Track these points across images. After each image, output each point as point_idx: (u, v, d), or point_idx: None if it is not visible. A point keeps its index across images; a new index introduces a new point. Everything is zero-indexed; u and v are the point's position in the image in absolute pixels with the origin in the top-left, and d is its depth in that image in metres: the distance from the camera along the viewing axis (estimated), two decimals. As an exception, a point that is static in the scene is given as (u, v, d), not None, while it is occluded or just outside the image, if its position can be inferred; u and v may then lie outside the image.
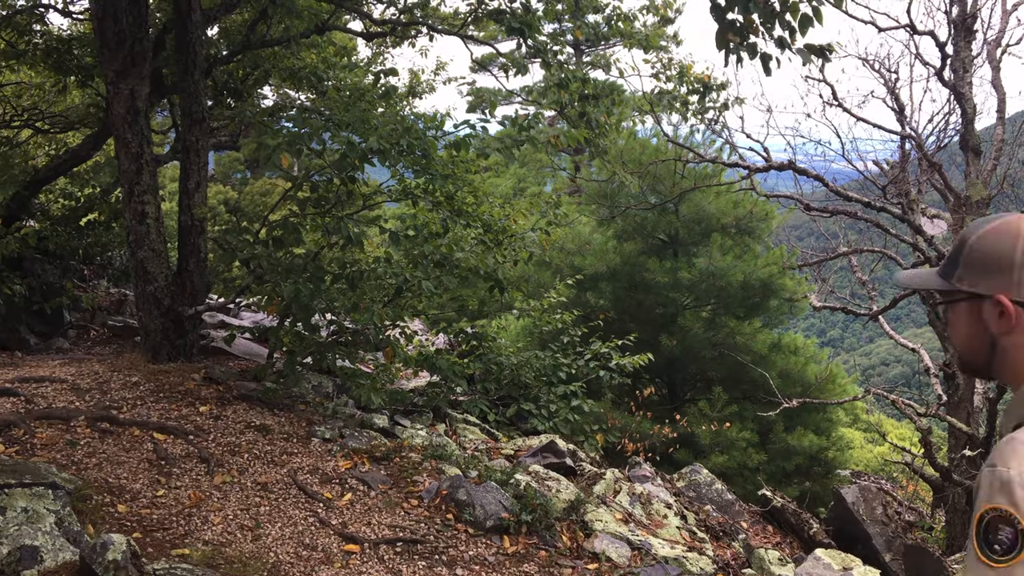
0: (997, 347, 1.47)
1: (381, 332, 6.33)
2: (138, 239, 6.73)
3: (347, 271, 6.07)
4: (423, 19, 10.07)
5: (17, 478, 3.63)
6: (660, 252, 12.30)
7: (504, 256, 7.97)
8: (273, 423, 5.47)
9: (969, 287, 1.48)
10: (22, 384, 5.51)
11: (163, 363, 6.58)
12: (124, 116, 6.57)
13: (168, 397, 5.57)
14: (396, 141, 6.09)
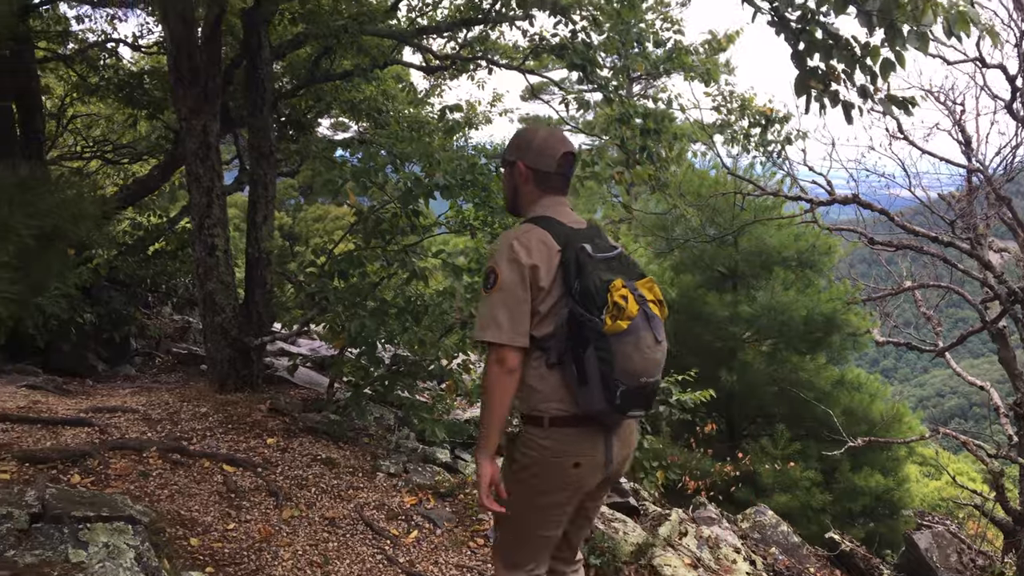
0: None
1: (445, 366, 6.35)
2: (207, 271, 6.86)
3: (411, 306, 6.10)
4: (483, 53, 10.20)
5: (96, 510, 3.69)
6: (719, 285, 12.17)
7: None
8: (339, 456, 5.50)
9: None
10: (96, 414, 5.63)
11: (230, 393, 6.68)
12: (196, 151, 6.74)
13: (236, 428, 5.65)
14: (461, 177, 6.14)
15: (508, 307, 2.45)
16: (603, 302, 2.40)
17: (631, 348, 2.41)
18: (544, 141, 2.69)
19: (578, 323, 2.43)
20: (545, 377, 2.51)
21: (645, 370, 2.46)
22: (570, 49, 7.54)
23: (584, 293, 2.42)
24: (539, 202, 2.69)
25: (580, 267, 2.45)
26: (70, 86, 11.19)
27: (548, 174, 2.70)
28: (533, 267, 2.45)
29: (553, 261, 2.48)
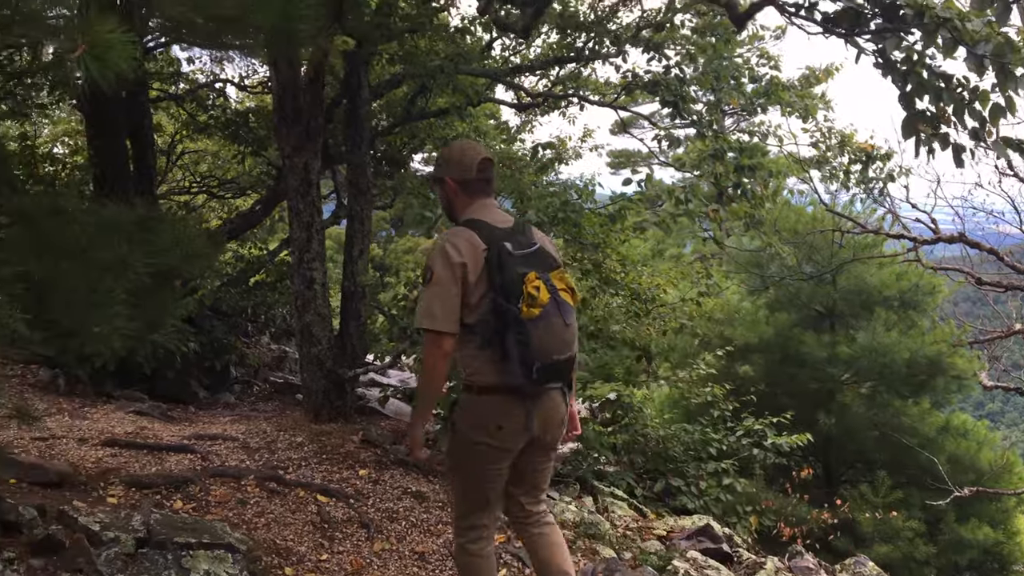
0: None
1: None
2: (305, 303, 7.06)
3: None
4: (575, 90, 10.27)
5: (197, 537, 3.81)
6: (816, 324, 11.82)
7: (653, 325, 7.88)
8: (428, 491, 5.53)
9: None
10: (198, 441, 5.83)
11: (324, 423, 6.82)
12: (298, 188, 6.97)
13: (330, 459, 5.75)
14: (553, 214, 6.17)
15: (441, 299, 2.89)
16: (519, 293, 2.84)
17: (543, 331, 2.86)
18: (462, 153, 3.19)
19: (500, 311, 2.87)
20: (476, 356, 2.95)
21: (557, 349, 2.93)
22: (663, 85, 7.52)
23: (504, 286, 2.86)
24: (470, 207, 3.12)
25: (501, 264, 2.88)
26: (180, 124, 11.77)
27: (470, 181, 3.12)
28: (463, 264, 2.89)
29: (479, 259, 2.90)
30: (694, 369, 8.58)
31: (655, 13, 7.95)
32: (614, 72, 8.41)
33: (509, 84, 9.80)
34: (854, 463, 12.45)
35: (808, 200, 11.82)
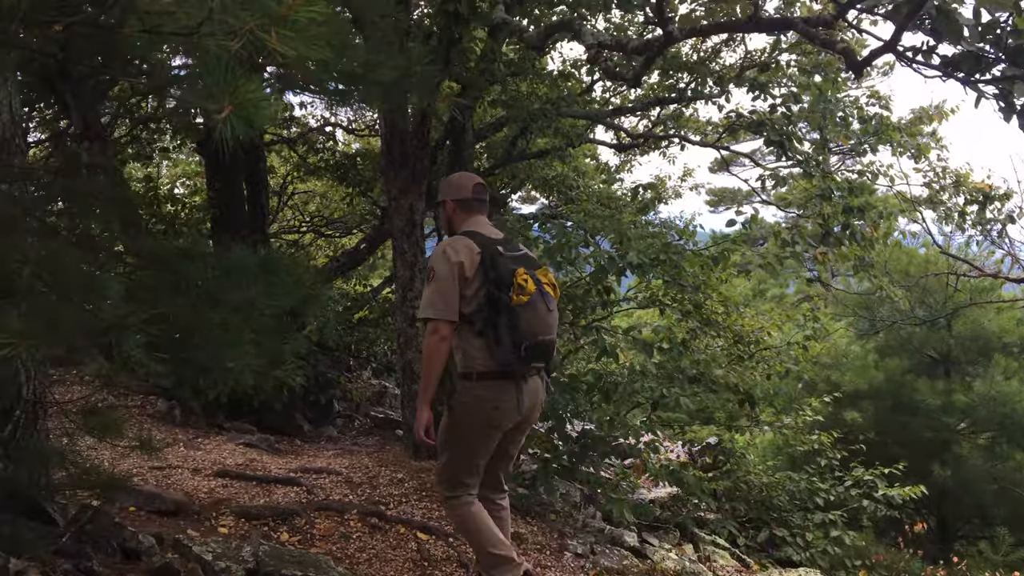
0: None
1: (633, 445, 6.29)
2: (407, 341, 7.20)
3: (601, 382, 6.10)
4: (676, 130, 10.25)
5: (303, 570, 3.90)
6: (930, 371, 11.30)
7: (756, 369, 7.70)
8: (526, 531, 5.52)
9: None
10: (303, 474, 5.99)
11: (424, 460, 6.90)
12: (403, 228, 7.16)
13: (430, 496, 5.81)
14: (654, 256, 6.14)
15: (442, 293, 3.40)
16: (510, 283, 3.39)
17: (530, 315, 3.39)
18: (460, 179, 3.88)
19: (494, 299, 3.40)
20: (473, 343, 3.43)
21: (542, 331, 3.43)
22: (768, 124, 7.42)
23: (496, 279, 3.40)
24: (467, 222, 3.68)
25: (493, 261, 3.43)
26: (292, 166, 12.28)
27: (467, 200, 3.72)
28: (460, 263, 3.42)
29: (474, 259, 3.44)
30: (800, 415, 8.32)
31: (759, 53, 7.88)
32: (716, 111, 8.35)
33: (609, 125, 9.85)
34: (971, 518, 11.77)
35: (921, 242, 11.40)
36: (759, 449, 11.15)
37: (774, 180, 7.81)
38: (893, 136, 7.54)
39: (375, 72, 2.14)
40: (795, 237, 6.21)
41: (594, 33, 3.83)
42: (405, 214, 7.15)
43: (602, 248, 6.56)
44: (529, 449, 7.06)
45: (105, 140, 6.88)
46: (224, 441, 6.84)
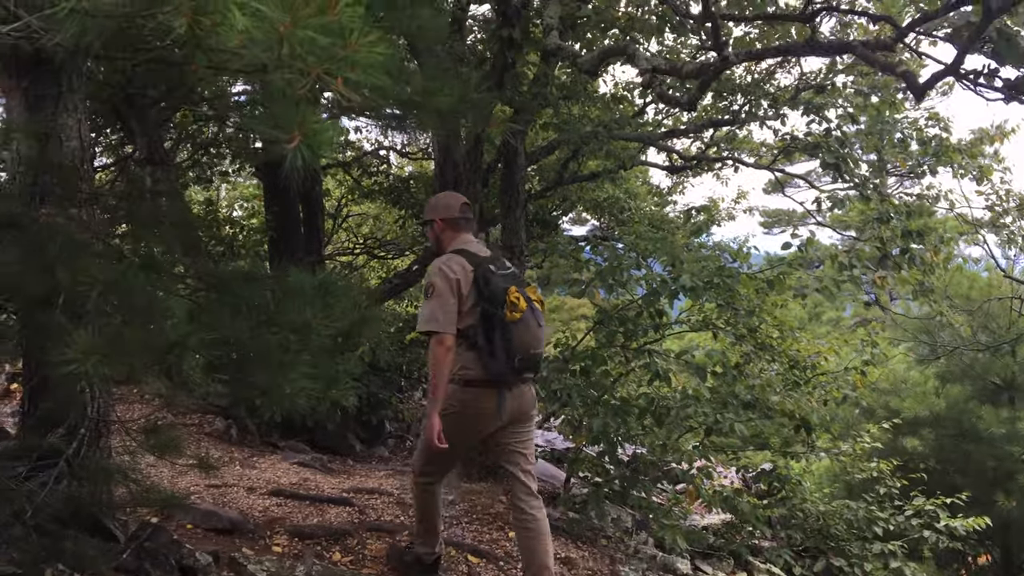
0: None
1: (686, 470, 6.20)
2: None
3: (653, 407, 6.05)
4: (729, 152, 10.17)
5: (355, 590, 3.92)
6: (993, 398, 10.94)
7: (812, 395, 7.56)
8: (577, 556, 5.47)
9: None
10: (356, 494, 6.03)
11: (474, 482, 6.90)
12: (455, 251, 7.21)
13: (480, 518, 5.80)
14: (708, 279, 6.08)
15: (442, 308, 3.63)
16: (503, 301, 3.63)
17: (523, 331, 3.67)
18: (447, 200, 4.14)
19: (488, 316, 3.64)
20: (466, 355, 3.68)
21: (533, 345, 3.74)
22: (824, 147, 7.33)
23: (491, 297, 3.64)
24: (455, 240, 3.93)
25: (487, 280, 3.66)
26: (346, 189, 12.48)
27: (455, 219, 3.98)
28: (457, 280, 3.66)
29: (468, 277, 3.68)
30: (857, 442, 8.12)
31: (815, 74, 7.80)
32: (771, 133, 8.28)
33: (662, 147, 9.82)
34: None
35: (983, 265, 11.10)
36: (815, 476, 10.90)
37: (830, 202, 7.69)
38: (954, 158, 7.39)
39: (432, 99, 2.18)
40: (853, 260, 6.09)
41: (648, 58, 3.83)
42: (457, 237, 7.20)
43: (654, 271, 6.52)
44: (580, 473, 7.01)
45: (168, 165, 7.08)
46: (278, 460, 6.93)
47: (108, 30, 1.33)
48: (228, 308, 2.51)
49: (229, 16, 1.26)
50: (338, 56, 1.36)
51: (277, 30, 1.30)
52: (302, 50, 1.33)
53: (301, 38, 1.31)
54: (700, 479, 6.52)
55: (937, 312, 7.95)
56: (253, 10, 1.28)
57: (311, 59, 1.35)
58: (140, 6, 1.29)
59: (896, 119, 7.28)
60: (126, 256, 2.92)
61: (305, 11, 1.30)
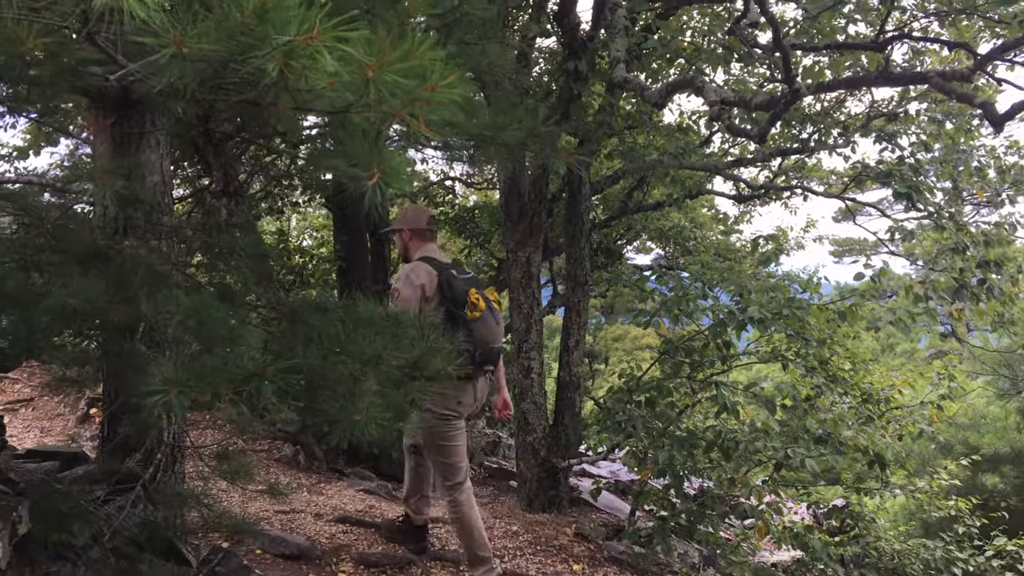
0: None
1: (755, 506, 6.06)
2: (522, 392, 7.23)
3: (721, 440, 5.94)
4: (798, 180, 10.02)
5: (420, 620, 3.92)
6: (1080, 435, 10.46)
7: (886, 430, 7.33)
8: (642, 592, 5.39)
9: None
10: (420, 522, 6.04)
11: (537, 513, 6.87)
12: (519, 280, 7.25)
13: (544, 550, 5.76)
14: (777, 310, 5.97)
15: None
16: (464, 302, 4.11)
17: (483, 328, 4.16)
18: (415, 212, 4.58)
19: (452, 315, 4.11)
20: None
21: (492, 340, 4.24)
22: (896, 175, 7.16)
23: (454, 298, 4.12)
24: (420, 249, 4.38)
25: (450, 284, 4.15)
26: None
27: (422, 230, 4.43)
28: (421, 285, 4.13)
29: (433, 281, 4.15)
30: (934, 479, 7.84)
31: (887, 102, 7.65)
32: (841, 160, 8.13)
33: (728, 176, 9.73)
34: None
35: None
36: (890, 513, 10.55)
37: (903, 232, 7.50)
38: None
39: (501, 133, 2.21)
40: (928, 291, 5.92)
41: (716, 89, 3.81)
42: (522, 266, 7.24)
43: (721, 301, 6.43)
44: (645, 506, 6.91)
45: (242, 196, 7.29)
46: (344, 487, 7.00)
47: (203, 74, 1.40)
48: (300, 337, 2.56)
49: (319, 60, 1.33)
50: (420, 97, 1.41)
51: (365, 73, 1.36)
52: (387, 92, 1.38)
53: (388, 80, 1.37)
54: (769, 515, 6.36)
55: (1018, 345, 7.64)
56: (341, 54, 1.34)
57: (395, 100, 1.41)
58: (237, 51, 1.35)
59: (972, 146, 7.07)
60: (203, 286, 3.01)
61: (391, 55, 1.36)
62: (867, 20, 6.50)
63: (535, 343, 7.29)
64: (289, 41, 1.32)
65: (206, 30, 1.33)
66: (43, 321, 2.33)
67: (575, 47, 6.52)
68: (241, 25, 1.32)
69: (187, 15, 1.32)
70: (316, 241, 12.61)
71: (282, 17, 1.34)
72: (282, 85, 1.39)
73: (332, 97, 1.43)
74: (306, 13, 1.36)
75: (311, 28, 1.33)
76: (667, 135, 8.18)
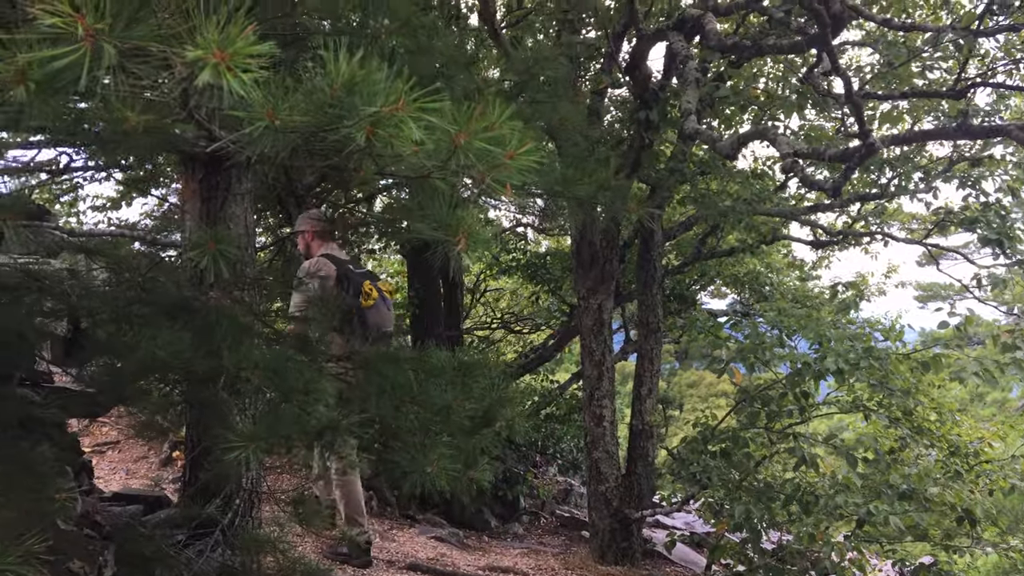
0: None
1: (837, 562, 5.85)
2: (594, 440, 7.17)
3: (802, 494, 5.77)
4: (878, 226, 9.79)
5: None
6: None
7: (976, 484, 7.01)
8: (718, 651, 5.23)
9: None
10: (491, 572, 6.02)
11: (610, 564, 6.76)
12: (591, 327, 7.24)
13: (616, 604, 5.66)
14: (856, 360, 5.81)
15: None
16: (359, 292, 4.62)
17: (375, 314, 4.65)
18: (317, 214, 5.29)
19: (349, 304, 4.50)
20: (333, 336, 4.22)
21: (384, 324, 4.70)
22: (982, 221, 6.94)
23: (351, 288, 4.63)
24: (322, 247, 4.95)
25: (348, 276, 4.71)
26: (485, 264, 12.77)
27: (323, 231, 5.00)
28: (325, 276, 4.63)
29: (333, 274, 4.67)
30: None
31: (969, 147, 7.45)
32: (924, 208, 7.91)
33: (805, 222, 9.57)
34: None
35: None
36: (982, 572, 10.01)
37: (993, 280, 7.24)
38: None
39: (572, 188, 2.24)
40: (1017, 341, 5.68)
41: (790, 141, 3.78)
42: (594, 313, 7.23)
43: (798, 349, 6.30)
44: (722, 560, 6.72)
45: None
46: (416, 534, 7.01)
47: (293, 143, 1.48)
48: (374, 388, 2.61)
49: (404, 129, 1.39)
50: (501, 163, 1.47)
51: (451, 141, 1.44)
52: (472, 158, 1.45)
53: (474, 147, 1.44)
54: (851, 572, 6.12)
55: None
56: (425, 123, 1.41)
57: (481, 166, 1.48)
58: (326, 121, 1.43)
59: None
60: (283, 337, 3.10)
61: (476, 124, 1.43)
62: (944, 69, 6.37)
63: (607, 391, 7.24)
64: (376, 112, 1.39)
65: (297, 103, 1.40)
66: (132, 371, 2.44)
67: (646, 97, 6.55)
68: (330, 97, 1.40)
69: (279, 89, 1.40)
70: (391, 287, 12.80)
71: (370, 89, 1.40)
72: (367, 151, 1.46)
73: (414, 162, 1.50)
74: (392, 83, 1.42)
75: (397, 99, 1.39)
76: (741, 181, 8.10)
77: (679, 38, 5.91)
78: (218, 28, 1.25)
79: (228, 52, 1.23)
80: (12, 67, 1.21)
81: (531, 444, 10.72)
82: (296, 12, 2.14)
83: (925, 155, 7.99)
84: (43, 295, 2.62)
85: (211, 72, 1.24)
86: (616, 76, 6.82)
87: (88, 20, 1.17)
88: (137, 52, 1.29)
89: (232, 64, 1.24)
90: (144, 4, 1.26)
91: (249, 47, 1.25)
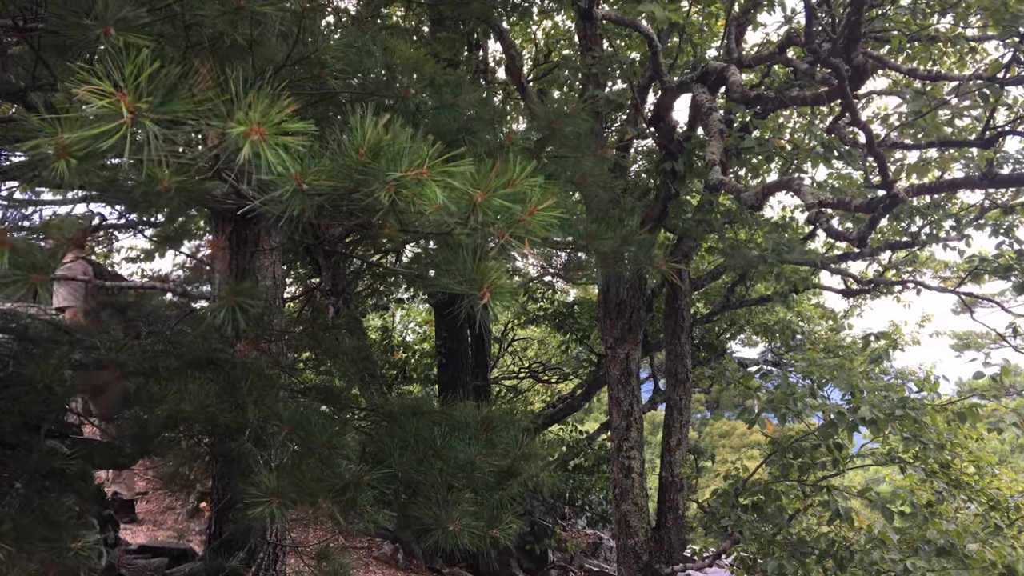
0: None
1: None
2: (623, 492, 7.07)
3: (836, 550, 5.62)
4: (910, 274, 9.68)
5: None
6: None
7: (1017, 540, 6.80)
8: None
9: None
10: (518, 628, 5.90)
11: (640, 622, 6.61)
12: (619, 377, 7.18)
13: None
14: (890, 411, 5.70)
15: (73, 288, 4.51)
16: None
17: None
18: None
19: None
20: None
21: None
22: (1017, 269, 6.85)
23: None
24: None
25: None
26: (512, 314, 12.78)
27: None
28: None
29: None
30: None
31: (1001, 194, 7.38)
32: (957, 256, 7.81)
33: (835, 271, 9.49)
34: None
35: None
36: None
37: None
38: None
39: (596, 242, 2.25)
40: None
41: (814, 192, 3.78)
42: (621, 363, 7.19)
43: (830, 400, 6.20)
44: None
45: (349, 295, 7.56)
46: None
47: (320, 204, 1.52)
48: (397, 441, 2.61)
49: (427, 190, 1.42)
50: (521, 220, 1.49)
51: (472, 200, 1.46)
52: (492, 215, 1.47)
53: (493, 205, 1.46)
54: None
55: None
56: (446, 183, 1.43)
57: (500, 223, 1.49)
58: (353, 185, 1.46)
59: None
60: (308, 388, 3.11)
61: (496, 182, 1.45)
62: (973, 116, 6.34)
63: (635, 441, 7.16)
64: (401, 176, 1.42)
65: (324, 167, 1.44)
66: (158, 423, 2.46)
67: (672, 148, 6.59)
68: (356, 163, 1.43)
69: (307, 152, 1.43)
70: (418, 336, 12.86)
71: (394, 152, 1.43)
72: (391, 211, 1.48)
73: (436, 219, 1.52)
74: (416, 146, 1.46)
75: (421, 163, 1.42)
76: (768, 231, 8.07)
77: (703, 90, 5.96)
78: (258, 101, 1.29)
79: (267, 128, 1.27)
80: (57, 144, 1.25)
81: (559, 496, 10.60)
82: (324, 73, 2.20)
83: (956, 202, 7.92)
84: (73, 347, 2.67)
85: (251, 147, 1.28)
86: (642, 127, 6.87)
87: (129, 99, 1.21)
88: (174, 122, 1.33)
89: (271, 141, 1.28)
90: (181, 78, 1.30)
91: (288, 124, 1.29)
